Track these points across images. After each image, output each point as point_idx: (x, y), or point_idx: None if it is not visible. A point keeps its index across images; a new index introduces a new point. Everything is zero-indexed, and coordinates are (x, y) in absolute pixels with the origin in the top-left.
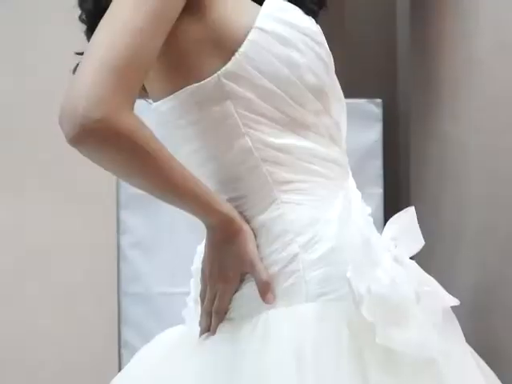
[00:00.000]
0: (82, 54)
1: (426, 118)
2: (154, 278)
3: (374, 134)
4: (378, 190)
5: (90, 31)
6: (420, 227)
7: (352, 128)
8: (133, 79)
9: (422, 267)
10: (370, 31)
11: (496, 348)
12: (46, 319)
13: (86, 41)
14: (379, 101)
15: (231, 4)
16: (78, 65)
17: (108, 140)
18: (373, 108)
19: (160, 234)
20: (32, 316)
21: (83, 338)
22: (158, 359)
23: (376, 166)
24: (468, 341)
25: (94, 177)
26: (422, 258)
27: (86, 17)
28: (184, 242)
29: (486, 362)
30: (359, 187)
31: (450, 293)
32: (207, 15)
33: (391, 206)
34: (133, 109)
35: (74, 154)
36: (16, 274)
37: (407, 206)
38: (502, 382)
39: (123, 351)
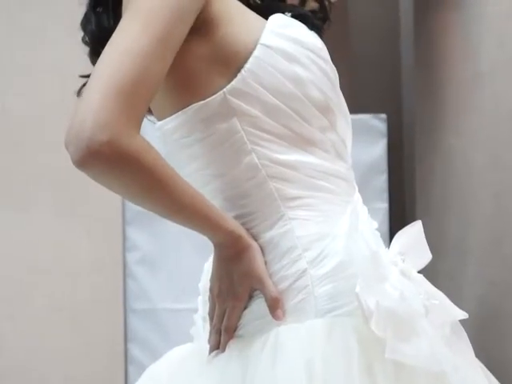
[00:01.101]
0: (86, 76)
1: (430, 132)
2: (159, 294)
3: (378, 148)
4: (383, 205)
5: (93, 53)
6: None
7: (357, 143)
8: (139, 102)
9: (427, 281)
10: (374, 47)
11: (503, 362)
12: (52, 335)
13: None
14: (384, 116)
15: (237, 22)
16: (82, 86)
17: (114, 163)
18: (377, 123)
19: (165, 250)
20: (38, 331)
21: (90, 354)
22: (167, 378)
23: (381, 180)
24: (475, 354)
25: (101, 194)
26: (427, 272)
27: (89, 39)
28: (189, 257)
29: (493, 376)
30: (364, 202)
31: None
32: (215, 34)
33: (396, 220)
34: (139, 131)
35: (81, 173)
36: (23, 290)
37: (412, 221)
38: None
39: (130, 367)
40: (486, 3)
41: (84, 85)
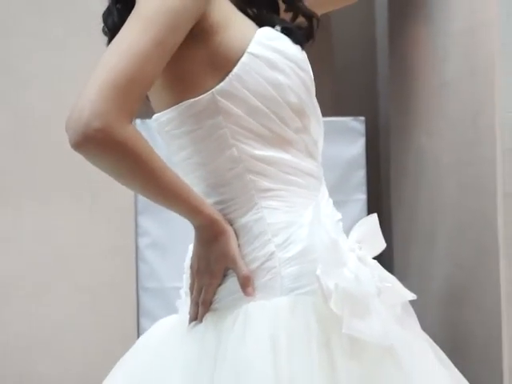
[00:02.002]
0: None
1: (403, 133)
2: (167, 274)
3: (357, 147)
4: (362, 197)
5: (110, 43)
6: (398, 229)
7: (339, 142)
8: (132, 97)
9: (400, 265)
10: (354, 58)
11: (466, 338)
12: (73, 313)
13: None
14: (362, 118)
15: (231, 31)
16: None
17: (106, 147)
18: (357, 125)
19: (172, 236)
20: (59, 312)
21: (106, 328)
22: (154, 347)
23: (360, 175)
24: (442, 331)
25: (115, 187)
26: (399, 257)
27: (109, 29)
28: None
29: (457, 352)
30: (345, 194)
31: (425, 288)
32: (212, 41)
33: (373, 209)
34: (131, 122)
35: (99, 170)
36: (45, 275)
37: (388, 211)
38: (470, 369)
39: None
40: (453, 19)
41: None
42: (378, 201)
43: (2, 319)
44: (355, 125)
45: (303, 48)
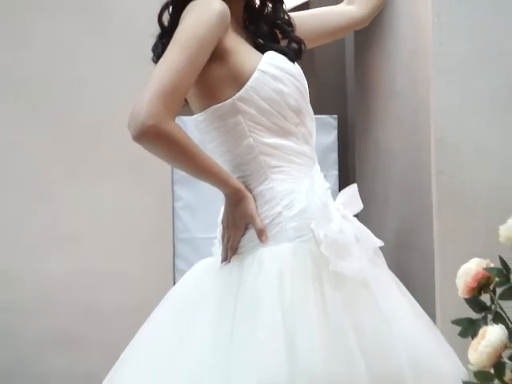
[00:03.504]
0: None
1: (365, 128)
2: (195, 228)
3: (332, 137)
4: (335, 173)
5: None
6: (361, 196)
7: (318, 133)
8: (174, 101)
9: (362, 221)
10: (330, 72)
11: (411, 275)
12: (124, 258)
13: None
14: (335, 116)
15: (242, 54)
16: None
17: (156, 139)
18: (331, 121)
19: (199, 200)
20: (115, 257)
21: (148, 271)
22: (193, 280)
23: (333, 157)
24: (393, 270)
25: (157, 165)
26: (362, 215)
27: (156, 57)
28: (215, 205)
29: (405, 286)
30: (322, 170)
31: (381, 237)
32: (228, 61)
33: (343, 183)
34: (174, 119)
35: (140, 148)
36: (106, 231)
37: (353, 183)
38: (415, 298)
39: (177, 275)
40: (400, 45)
41: None
42: (347, 176)
43: (74, 263)
44: (330, 121)
45: (294, 62)
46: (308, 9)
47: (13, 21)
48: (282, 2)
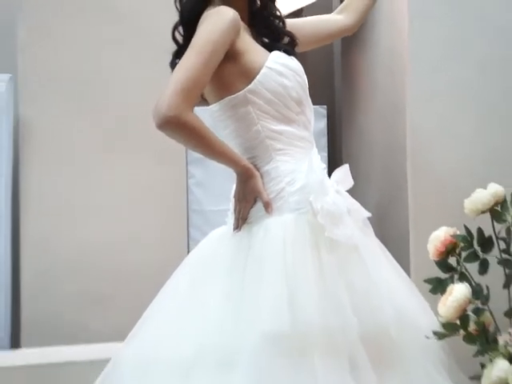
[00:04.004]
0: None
1: (350, 116)
2: (206, 201)
3: (322, 124)
4: (324, 154)
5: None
6: (357, 184)
7: None
8: (191, 96)
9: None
10: (321, 69)
11: (390, 243)
12: (143, 225)
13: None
14: (325, 106)
15: (252, 54)
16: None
17: (176, 127)
18: (322, 110)
19: (210, 178)
20: (135, 223)
21: (167, 235)
22: (209, 245)
23: (324, 141)
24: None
25: (173, 146)
26: (348, 191)
27: (172, 68)
28: (225, 182)
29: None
30: None
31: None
32: (240, 60)
33: (332, 163)
34: (192, 111)
35: (160, 133)
36: (124, 205)
37: (341, 164)
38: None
39: (190, 242)
40: (379, 44)
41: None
42: (335, 157)
43: (104, 230)
44: (321, 110)
45: (297, 58)
46: (301, 16)
47: (65, 22)
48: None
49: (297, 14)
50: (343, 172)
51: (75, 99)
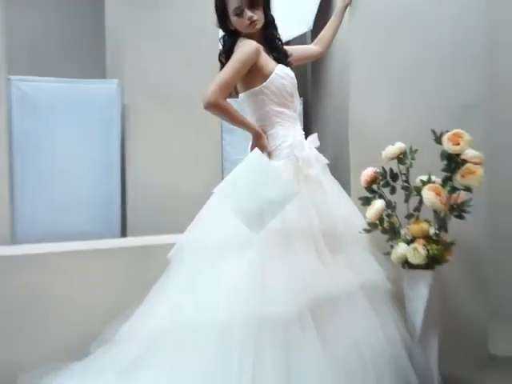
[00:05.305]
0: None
1: (319, 107)
2: (233, 153)
3: (300, 108)
4: (302, 126)
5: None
6: (320, 144)
7: None
8: (225, 90)
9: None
10: (298, 75)
11: (339, 181)
12: (186, 171)
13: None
14: (302, 98)
15: (266, 65)
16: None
17: (215, 108)
18: (300, 101)
19: (235, 140)
20: (181, 171)
21: (207, 177)
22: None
23: (301, 118)
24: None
25: (211, 119)
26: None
27: (221, 66)
28: (244, 142)
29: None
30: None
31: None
32: (259, 70)
33: (307, 133)
34: (225, 99)
35: (206, 113)
36: (181, 158)
37: (312, 133)
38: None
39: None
40: (334, 58)
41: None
42: (308, 128)
43: (165, 174)
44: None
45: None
46: (305, 40)
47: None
48: (275, 25)
49: (287, 43)
50: (313, 137)
51: (159, 97)
